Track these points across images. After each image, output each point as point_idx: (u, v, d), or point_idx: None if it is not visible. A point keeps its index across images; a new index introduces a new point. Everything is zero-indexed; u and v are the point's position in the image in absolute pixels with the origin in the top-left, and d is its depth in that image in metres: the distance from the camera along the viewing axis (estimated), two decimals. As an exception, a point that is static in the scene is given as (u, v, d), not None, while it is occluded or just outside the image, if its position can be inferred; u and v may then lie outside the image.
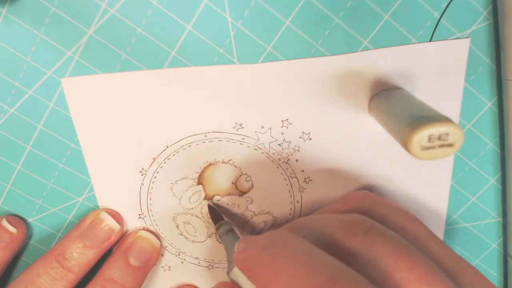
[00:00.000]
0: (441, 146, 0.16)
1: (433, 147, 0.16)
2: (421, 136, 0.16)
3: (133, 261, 0.24)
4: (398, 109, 0.19)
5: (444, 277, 0.15)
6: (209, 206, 0.25)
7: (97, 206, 0.25)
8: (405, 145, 0.16)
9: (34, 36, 0.20)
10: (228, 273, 0.21)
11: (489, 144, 0.24)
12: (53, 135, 0.23)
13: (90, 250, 0.23)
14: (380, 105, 0.21)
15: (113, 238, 0.24)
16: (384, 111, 0.20)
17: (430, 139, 0.16)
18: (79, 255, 0.23)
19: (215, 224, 0.24)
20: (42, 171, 0.23)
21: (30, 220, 0.25)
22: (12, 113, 0.22)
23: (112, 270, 0.24)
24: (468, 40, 0.21)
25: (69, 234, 0.24)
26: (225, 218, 0.24)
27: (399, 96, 0.20)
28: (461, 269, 0.17)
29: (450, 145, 0.16)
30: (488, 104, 0.23)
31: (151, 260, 0.25)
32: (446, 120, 0.16)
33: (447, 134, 0.16)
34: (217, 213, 0.24)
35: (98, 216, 0.24)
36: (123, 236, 0.25)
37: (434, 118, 0.16)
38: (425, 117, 0.17)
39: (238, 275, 0.20)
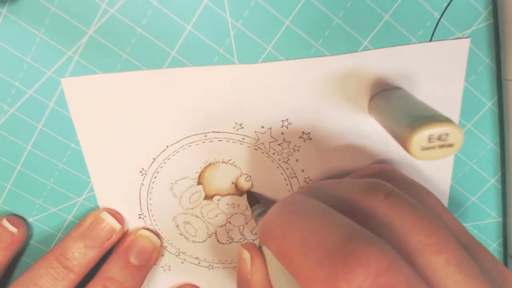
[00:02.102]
0: (441, 146, 0.16)
1: (433, 147, 0.16)
2: (421, 137, 0.16)
3: (133, 260, 0.24)
4: (398, 109, 0.19)
5: (461, 247, 0.15)
6: (248, 192, 0.25)
7: (97, 206, 0.25)
8: (405, 145, 0.16)
9: (34, 36, 0.20)
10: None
11: (489, 144, 0.24)
12: (53, 135, 0.23)
13: (91, 250, 0.23)
14: (380, 105, 0.21)
15: (114, 237, 0.24)
16: (384, 111, 0.20)
17: (430, 139, 0.16)
18: (80, 255, 0.23)
19: (251, 207, 0.24)
20: (42, 171, 0.23)
21: (30, 220, 0.25)
22: (12, 113, 0.22)
23: (113, 269, 0.24)
24: (468, 40, 0.21)
25: (70, 234, 0.24)
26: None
27: (399, 96, 0.20)
28: (475, 246, 0.17)
29: (450, 145, 0.16)
30: (488, 104, 0.23)
31: (151, 259, 0.25)
32: (446, 120, 0.16)
33: (447, 134, 0.16)
34: (254, 198, 0.24)
35: (99, 216, 0.24)
36: (124, 235, 0.25)
37: (434, 118, 0.16)
38: (425, 117, 0.16)
39: (267, 252, 0.21)
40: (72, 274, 0.23)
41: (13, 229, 0.23)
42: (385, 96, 0.21)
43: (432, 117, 0.16)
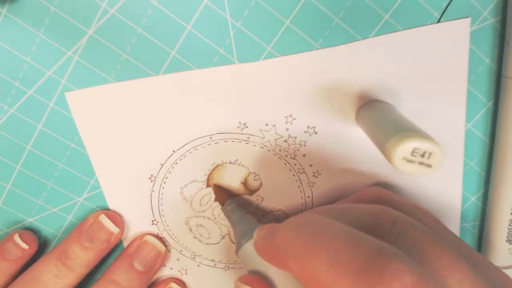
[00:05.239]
0: (420, 163, 0.16)
1: (412, 162, 0.16)
2: (408, 146, 0.16)
3: (137, 265, 0.24)
4: (397, 114, 0.19)
5: (469, 264, 0.16)
6: (214, 186, 0.24)
7: (97, 207, 0.25)
8: (389, 150, 0.17)
9: (34, 36, 0.20)
10: (236, 252, 0.21)
11: (489, 144, 0.24)
12: (53, 135, 0.23)
13: (90, 251, 0.23)
14: (376, 110, 0.21)
15: (113, 240, 0.24)
16: (381, 115, 0.20)
17: (413, 152, 0.16)
18: (80, 256, 0.23)
19: (221, 203, 0.24)
20: (42, 171, 0.23)
21: (30, 220, 0.25)
22: (12, 113, 0.22)
23: (117, 273, 0.24)
24: (468, 20, 0.21)
25: (71, 235, 0.24)
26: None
27: (391, 109, 0.21)
28: (476, 258, 0.18)
29: (429, 165, 0.16)
30: (488, 104, 0.23)
31: (155, 266, 0.25)
32: (435, 140, 0.16)
33: (430, 154, 0.16)
34: (222, 193, 0.24)
35: (97, 218, 0.24)
36: (123, 237, 0.25)
37: (428, 136, 0.17)
38: (419, 131, 0.17)
39: (245, 254, 0.20)
40: (72, 273, 0.23)
41: (24, 245, 0.24)
42: (380, 105, 0.21)
43: (425, 134, 0.17)
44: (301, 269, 0.16)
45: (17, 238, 0.24)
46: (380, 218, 0.18)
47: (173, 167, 0.24)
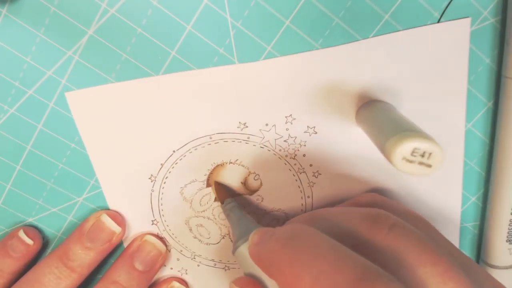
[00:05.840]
0: (420, 163, 0.16)
1: (412, 162, 0.16)
2: (408, 146, 0.16)
3: (138, 265, 0.24)
4: (397, 114, 0.19)
5: (462, 273, 0.16)
6: (215, 183, 0.24)
7: (97, 207, 0.25)
8: (389, 149, 0.17)
9: (34, 36, 0.20)
10: (233, 252, 0.21)
11: (489, 144, 0.24)
12: (53, 135, 0.23)
13: (92, 251, 0.23)
14: (377, 109, 0.21)
15: (115, 240, 0.24)
16: (374, 120, 0.20)
17: (414, 152, 0.16)
18: (81, 256, 0.23)
19: (221, 201, 0.24)
20: (42, 171, 0.23)
21: (30, 220, 0.25)
22: (12, 113, 0.22)
23: (118, 273, 0.24)
24: (468, 20, 0.21)
25: (72, 235, 0.24)
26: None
27: (392, 109, 0.21)
28: (470, 266, 0.18)
29: (429, 165, 0.17)
30: (488, 104, 0.23)
31: (156, 265, 0.25)
32: (435, 141, 0.17)
33: (430, 154, 0.16)
34: (222, 191, 0.24)
35: (99, 218, 0.24)
36: (124, 237, 0.25)
37: (427, 135, 0.17)
38: (419, 131, 0.17)
39: (241, 256, 0.20)
40: (74, 274, 0.23)
41: (29, 241, 0.24)
42: (380, 105, 0.21)
43: (425, 134, 0.17)
44: (284, 283, 0.16)
45: (21, 234, 0.24)
46: (378, 222, 0.18)
47: (173, 167, 0.24)
